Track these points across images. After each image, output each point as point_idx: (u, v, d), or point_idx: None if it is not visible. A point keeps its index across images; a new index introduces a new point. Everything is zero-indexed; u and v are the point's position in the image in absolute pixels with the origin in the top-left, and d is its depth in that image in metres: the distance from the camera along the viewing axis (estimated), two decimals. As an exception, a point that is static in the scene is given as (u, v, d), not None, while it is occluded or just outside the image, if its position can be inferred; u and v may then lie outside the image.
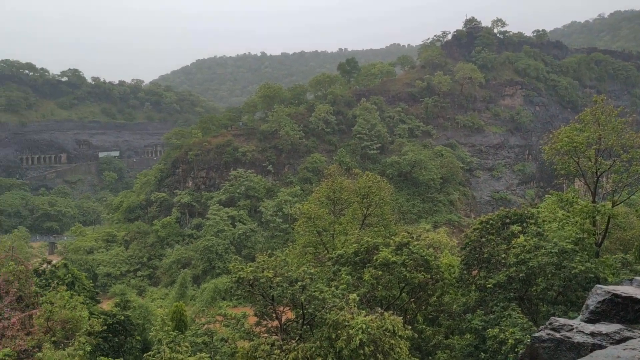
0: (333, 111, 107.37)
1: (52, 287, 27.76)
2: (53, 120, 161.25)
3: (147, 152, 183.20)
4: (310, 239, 41.38)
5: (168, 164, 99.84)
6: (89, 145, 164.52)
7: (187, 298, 58.55)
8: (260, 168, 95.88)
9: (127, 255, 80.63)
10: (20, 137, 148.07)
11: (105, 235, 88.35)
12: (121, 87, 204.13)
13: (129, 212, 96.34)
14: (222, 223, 79.12)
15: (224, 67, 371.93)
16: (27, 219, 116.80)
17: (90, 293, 32.46)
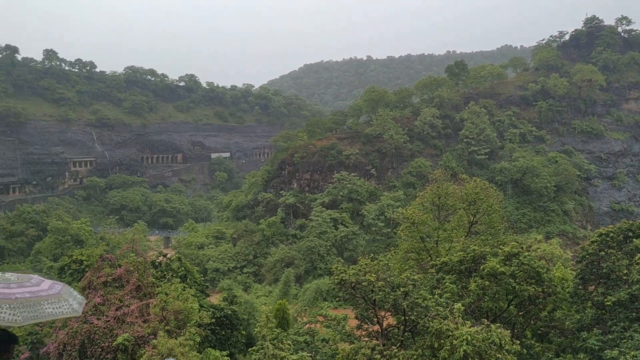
0: (439, 115, 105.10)
1: (167, 278, 29.54)
2: (171, 122, 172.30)
3: (255, 154, 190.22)
4: (413, 245, 40.67)
5: (275, 166, 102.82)
6: (203, 146, 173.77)
7: (290, 296, 59.82)
8: (363, 171, 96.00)
9: (234, 252, 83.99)
10: (141, 137, 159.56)
11: (215, 232, 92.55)
12: (233, 91, 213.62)
13: (238, 210, 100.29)
14: (325, 225, 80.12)
15: (330, 71, 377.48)
16: (146, 214, 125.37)
17: (201, 286, 34.12)
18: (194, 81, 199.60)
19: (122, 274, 25.84)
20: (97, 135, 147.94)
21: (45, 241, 79.99)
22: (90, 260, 30.16)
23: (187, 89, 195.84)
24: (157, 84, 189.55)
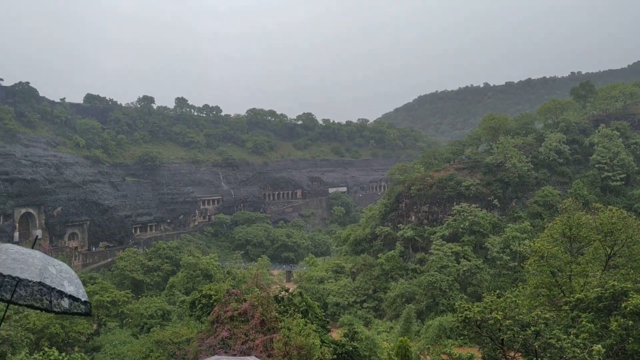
0: (566, 140, 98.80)
1: (289, 313, 30.13)
2: (290, 159, 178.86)
3: (371, 187, 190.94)
4: (543, 280, 38.02)
5: (392, 199, 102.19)
6: (320, 181, 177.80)
7: (412, 333, 58.33)
8: (485, 202, 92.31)
9: (354, 286, 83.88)
10: (263, 175, 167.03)
11: (334, 266, 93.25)
12: (348, 127, 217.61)
13: (356, 244, 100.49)
14: (446, 259, 77.66)
15: (445, 100, 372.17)
16: (269, 249, 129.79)
17: (322, 322, 34.37)
18: (310, 119, 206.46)
19: (247, 309, 26.76)
20: (223, 174, 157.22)
21: (178, 275, 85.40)
22: (218, 294, 31.65)
23: (305, 127, 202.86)
24: (277, 124, 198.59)
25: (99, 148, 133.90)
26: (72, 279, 5.85)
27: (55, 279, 5.66)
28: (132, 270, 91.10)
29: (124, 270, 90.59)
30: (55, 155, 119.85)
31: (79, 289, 5.87)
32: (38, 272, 5.50)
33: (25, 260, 5.58)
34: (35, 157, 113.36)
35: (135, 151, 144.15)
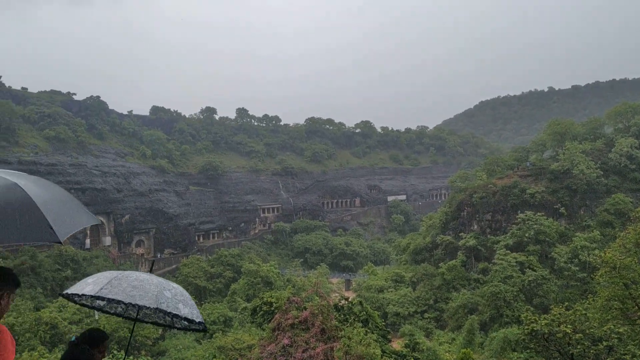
0: (638, 145, 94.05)
1: (349, 322, 30.05)
2: (348, 168, 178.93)
3: (431, 196, 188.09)
4: (615, 292, 36.07)
5: (453, 207, 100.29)
6: (379, 190, 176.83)
7: (475, 345, 56.79)
8: (550, 210, 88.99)
9: (414, 296, 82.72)
10: (321, 184, 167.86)
11: (394, 275, 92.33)
12: (407, 134, 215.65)
13: (416, 253, 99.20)
14: (510, 269, 75.30)
15: (507, 106, 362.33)
16: (328, 257, 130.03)
17: (382, 331, 34.06)
18: (369, 127, 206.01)
19: (308, 317, 26.87)
20: (283, 183, 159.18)
21: (239, 282, 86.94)
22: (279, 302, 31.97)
23: (363, 135, 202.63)
24: (335, 132, 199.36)
25: (164, 158, 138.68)
26: (186, 300, 6.26)
27: (171, 302, 6.02)
28: (196, 277, 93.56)
29: (188, 276, 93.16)
30: (124, 165, 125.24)
31: (193, 309, 6.27)
32: (155, 299, 5.86)
33: (143, 286, 5.96)
34: (105, 167, 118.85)
35: (198, 161, 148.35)
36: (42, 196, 3.98)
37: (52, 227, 3.76)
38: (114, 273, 6.28)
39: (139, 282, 6.04)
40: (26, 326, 46.82)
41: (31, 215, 3.77)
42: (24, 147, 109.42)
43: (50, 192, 4.21)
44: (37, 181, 4.35)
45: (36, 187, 4.12)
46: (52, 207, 3.95)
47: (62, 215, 4.01)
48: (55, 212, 3.95)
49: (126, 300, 5.75)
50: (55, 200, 4.15)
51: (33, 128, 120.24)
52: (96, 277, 6.21)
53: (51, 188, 4.36)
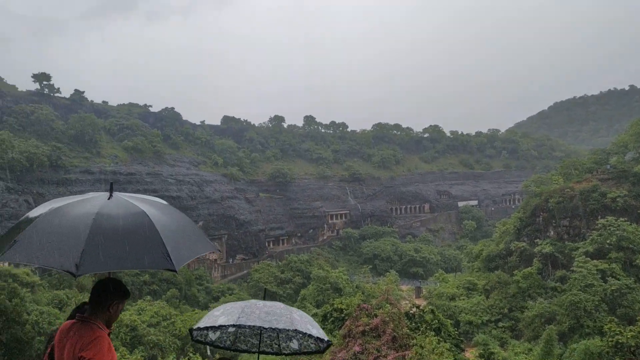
0: None
1: (421, 330, 29.50)
2: (417, 173, 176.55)
3: (504, 201, 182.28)
4: None
5: (527, 213, 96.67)
6: (449, 195, 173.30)
7: (554, 357, 54.33)
8: (634, 216, 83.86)
9: (487, 304, 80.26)
10: (390, 189, 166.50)
11: (466, 283, 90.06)
12: (477, 137, 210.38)
13: (488, 261, 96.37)
14: (591, 277, 71.56)
15: (584, 106, 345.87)
16: (397, 264, 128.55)
17: (455, 340, 33.21)
18: (437, 131, 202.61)
19: (379, 324, 26.61)
20: (350, 189, 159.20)
21: (309, 288, 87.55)
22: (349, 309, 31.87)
23: (431, 139, 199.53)
24: (403, 137, 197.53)
25: (235, 166, 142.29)
26: (312, 322, 6.58)
27: (302, 324, 6.31)
28: (266, 282, 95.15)
29: (259, 281, 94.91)
30: (197, 173, 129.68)
31: (319, 329, 6.52)
32: (290, 321, 6.17)
33: (274, 312, 6.30)
34: (179, 175, 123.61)
35: (267, 168, 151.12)
36: (166, 225, 4.19)
37: (170, 257, 3.95)
38: (240, 304, 6.61)
39: (269, 308, 6.37)
40: (109, 327, 49.10)
41: (152, 244, 3.99)
42: (105, 158, 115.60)
43: (175, 220, 4.43)
44: (165, 209, 4.58)
45: (162, 215, 4.36)
46: (173, 236, 4.16)
47: (181, 245, 4.19)
48: (176, 241, 4.13)
49: (265, 325, 6.02)
50: (178, 229, 4.36)
51: (113, 139, 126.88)
52: (223, 309, 6.58)
53: (176, 216, 4.57)
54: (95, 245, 3.81)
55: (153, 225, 4.07)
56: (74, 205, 4.26)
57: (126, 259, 3.86)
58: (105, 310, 4.31)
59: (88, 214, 4.07)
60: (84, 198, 4.43)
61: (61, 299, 65.81)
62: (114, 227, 3.97)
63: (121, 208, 4.20)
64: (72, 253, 3.75)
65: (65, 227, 3.97)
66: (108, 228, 3.96)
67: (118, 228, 3.98)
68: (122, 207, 4.21)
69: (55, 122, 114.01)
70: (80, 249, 3.76)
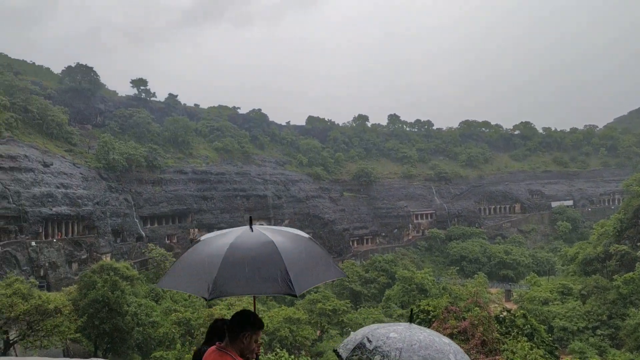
0: None
1: (512, 335, 28.42)
2: (507, 172, 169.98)
3: (602, 201, 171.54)
4: None
5: (629, 214, 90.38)
6: (542, 195, 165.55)
7: (660, 369, 50.50)
8: None
9: (584, 310, 75.89)
10: (477, 189, 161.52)
11: (560, 287, 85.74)
12: (572, 134, 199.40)
13: (585, 264, 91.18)
14: None
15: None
16: (485, 266, 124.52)
17: (549, 347, 31.66)
18: (529, 128, 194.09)
19: (467, 327, 25.94)
20: (436, 188, 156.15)
21: (393, 288, 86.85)
22: (436, 310, 31.30)
23: (522, 137, 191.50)
24: (491, 135, 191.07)
25: (320, 166, 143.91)
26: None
27: None
28: (351, 281, 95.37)
29: (344, 280, 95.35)
30: (283, 173, 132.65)
31: None
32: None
33: (433, 346, 5.36)
34: (266, 175, 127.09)
35: (351, 168, 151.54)
36: (291, 253, 4.51)
37: (292, 282, 4.23)
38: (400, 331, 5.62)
39: (429, 342, 5.39)
40: (200, 321, 51.29)
41: (276, 271, 4.29)
42: (197, 158, 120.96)
43: (302, 249, 4.75)
44: (295, 238, 4.88)
45: (290, 243, 4.67)
46: (297, 262, 4.47)
47: (305, 271, 4.51)
48: (300, 267, 4.44)
49: None
50: (304, 257, 4.66)
51: (204, 140, 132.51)
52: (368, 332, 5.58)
53: (304, 245, 4.87)
54: (225, 273, 4.25)
55: (278, 253, 4.39)
56: (218, 238, 4.83)
57: (251, 285, 4.25)
58: (239, 341, 4.52)
59: (224, 244, 4.54)
60: (229, 231, 4.96)
61: (157, 292, 69.59)
62: (242, 256, 4.37)
63: (253, 238, 4.61)
64: (207, 280, 4.24)
65: (205, 257, 4.52)
66: (237, 257, 4.37)
67: (246, 257, 4.38)
68: (254, 238, 4.62)
69: (152, 125, 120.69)
70: (213, 276, 4.23)
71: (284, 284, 4.21)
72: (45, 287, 63.35)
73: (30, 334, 41.79)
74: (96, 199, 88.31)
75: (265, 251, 4.40)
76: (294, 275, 4.26)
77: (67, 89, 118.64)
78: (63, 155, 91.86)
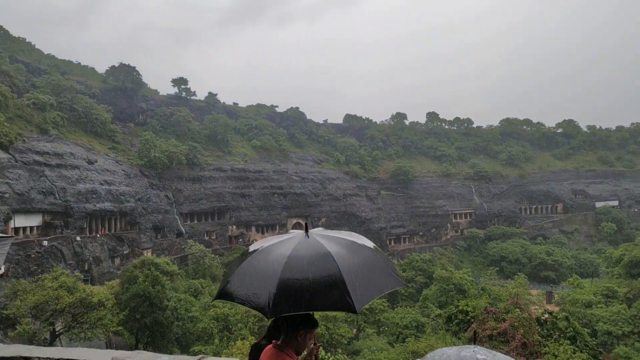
0: None
1: (553, 338, 27.76)
2: (549, 171, 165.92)
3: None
4: None
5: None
6: (585, 195, 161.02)
7: None
8: None
9: (629, 314, 73.36)
10: (518, 188, 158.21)
11: (605, 289, 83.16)
12: (619, 132, 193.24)
13: (631, 266, 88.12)
14: None
15: None
16: (526, 267, 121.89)
17: (593, 351, 30.78)
18: (572, 126, 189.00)
19: (507, 329, 25.49)
20: (475, 188, 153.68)
21: (431, 288, 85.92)
22: (475, 311, 30.88)
23: (565, 135, 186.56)
24: (533, 133, 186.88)
25: (357, 164, 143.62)
26: None
27: None
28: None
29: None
30: (320, 171, 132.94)
31: None
32: None
33: None
34: (303, 173, 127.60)
35: (389, 166, 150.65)
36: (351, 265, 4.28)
37: (352, 298, 4.01)
38: None
39: None
40: (238, 317, 51.96)
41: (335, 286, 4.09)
42: (236, 156, 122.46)
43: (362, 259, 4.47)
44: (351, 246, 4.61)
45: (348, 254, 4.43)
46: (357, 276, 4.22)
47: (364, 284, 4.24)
48: (359, 281, 4.20)
49: None
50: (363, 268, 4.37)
51: (242, 139, 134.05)
52: None
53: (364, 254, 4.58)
54: (284, 288, 4.09)
55: (337, 266, 4.17)
56: (275, 247, 4.60)
57: (310, 301, 4.06)
58: (294, 339, 4.53)
59: (282, 256, 4.35)
60: (285, 238, 4.74)
61: (196, 287, 70.82)
62: (300, 271, 4.18)
63: (310, 249, 4.40)
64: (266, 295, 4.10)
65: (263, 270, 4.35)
66: (295, 272, 4.18)
67: (304, 271, 4.17)
68: (311, 248, 4.41)
69: (192, 123, 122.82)
70: (272, 291, 4.08)
71: (344, 301, 4.02)
72: (89, 281, 65.22)
73: (75, 326, 43.11)
74: (138, 195, 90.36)
75: (323, 265, 4.20)
76: (353, 291, 4.05)
77: (111, 88, 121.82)
78: (106, 152, 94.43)
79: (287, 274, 4.16)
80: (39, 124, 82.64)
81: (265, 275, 4.26)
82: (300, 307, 4.08)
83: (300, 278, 4.13)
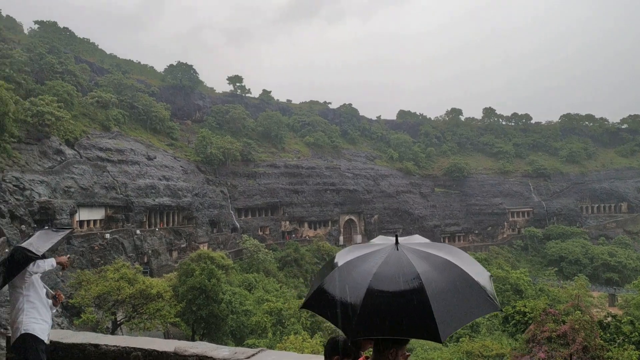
0: None
1: (617, 343, 26.63)
2: (612, 169, 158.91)
3: None
4: None
5: None
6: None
7: None
8: None
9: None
10: (579, 186, 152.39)
11: (673, 293, 79.02)
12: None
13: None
14: None
15: None
16: (587, 268, 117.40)
17: (660, 358, 29.29)
18: (638, 122, 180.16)
19: (567, 331, 24.63)
20: (534, 185, 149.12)
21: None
22: (533, 312, 29.99)
23: (631, 131, 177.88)
24: (596, 129, 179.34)
25: (410, 161, 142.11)
26: None
27: None
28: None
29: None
30: (373, 168, 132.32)
31: None
32: None
33: None
34: (356, 170, 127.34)
35: (443, 163, 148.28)
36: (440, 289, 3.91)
37: (437, 326, 3.66)
38: None
39: None
40: (291, 312, 52.46)
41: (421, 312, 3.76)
42: (289, 153, 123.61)
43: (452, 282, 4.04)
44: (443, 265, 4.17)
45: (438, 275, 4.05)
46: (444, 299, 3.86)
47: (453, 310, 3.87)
48: (447, 305, 3.83)
49: None
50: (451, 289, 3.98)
51: (296, 135, 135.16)
52: None
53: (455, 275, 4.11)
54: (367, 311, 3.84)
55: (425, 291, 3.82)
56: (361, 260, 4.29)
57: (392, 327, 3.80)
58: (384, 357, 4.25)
59: (368, 273, 4.07)
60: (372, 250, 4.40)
61: (250, 281, 72.01)
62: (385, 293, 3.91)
63: (398, 268, 4.06)
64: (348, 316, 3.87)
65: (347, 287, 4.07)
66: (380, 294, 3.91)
67: (389, 294, 3.90)
68: (399, 267, 4.07)
69: (247, 120, 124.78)
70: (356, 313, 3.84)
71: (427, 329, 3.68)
72: (148, 273, 67.44)
73: (134, 316, 44.72)
74: (195, 190, 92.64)
75: (408, 288, 3.87)
76: (439, 317, 3.69)
77: (169, 86, 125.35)
78: (165, 149, 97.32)
79: (372, 294, 3.89)
80: (101, 121, 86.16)
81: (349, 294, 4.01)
82: (383, 332, 3.83)
83: (384, 302, 3.86)
